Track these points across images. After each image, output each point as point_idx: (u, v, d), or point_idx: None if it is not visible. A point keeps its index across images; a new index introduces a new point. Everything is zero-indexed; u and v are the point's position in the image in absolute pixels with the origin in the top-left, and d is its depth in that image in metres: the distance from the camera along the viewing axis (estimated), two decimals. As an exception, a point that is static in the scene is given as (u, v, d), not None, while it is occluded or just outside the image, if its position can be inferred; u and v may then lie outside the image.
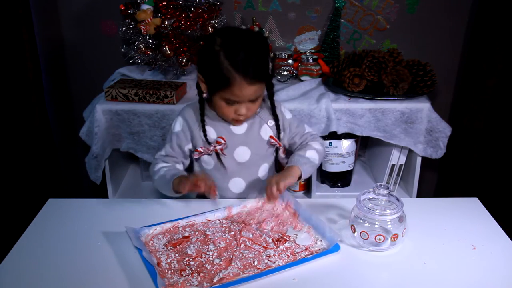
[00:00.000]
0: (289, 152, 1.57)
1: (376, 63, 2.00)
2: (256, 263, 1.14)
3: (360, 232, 1.20)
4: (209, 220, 1.32)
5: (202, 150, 1.48)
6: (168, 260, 1.16)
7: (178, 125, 1.50)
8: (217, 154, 1.49)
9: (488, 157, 2.35)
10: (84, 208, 1.40)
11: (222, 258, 1.16)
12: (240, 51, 1.31)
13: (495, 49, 2.14)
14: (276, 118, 1.51)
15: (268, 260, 1.15)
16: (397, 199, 1.22)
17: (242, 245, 1.20)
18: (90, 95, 2.14)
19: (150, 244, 1.22)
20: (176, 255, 1.18)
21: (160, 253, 1.19)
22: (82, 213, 1.37)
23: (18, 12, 2.13)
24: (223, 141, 1.46)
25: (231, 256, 1.16)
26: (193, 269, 1.12)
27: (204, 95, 1.46)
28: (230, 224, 1.29)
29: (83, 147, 2.12)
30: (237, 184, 1.53)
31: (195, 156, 1.51)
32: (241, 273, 1.11)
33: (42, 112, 2.29)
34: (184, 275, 1.10)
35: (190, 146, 1.52)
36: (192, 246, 1.20)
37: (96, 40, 2.35)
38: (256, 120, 1.51)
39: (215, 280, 1.08)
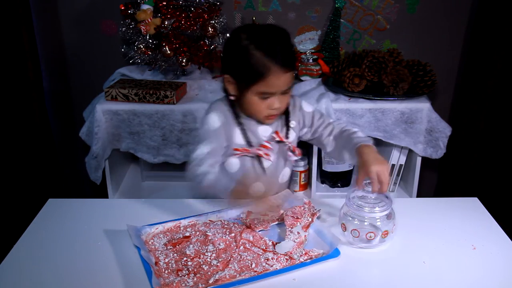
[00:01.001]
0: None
1: (376, 63, 2.00)
2: (253, 265, 1.14)
3: (351, 230, 1.21)
4: (211, 221, 1.32)
5: (242, 151, 1.40)
6: (166, 260, 1.16)
7: (217, 120, 1.38)
8: (259, 158, 1.43)
9: (488, 157, 2.35)
10: (84, 208, 1.40)
11: (220, 260, 1.15)
12: (270, 40, 1.29)
13: (495, 49, 2.14)
14: (286, 116, 1.44)
15: (266, 263, 1.15)
16: (386, 197, 1.22)
17: (242, 247, 1.20)
18: (90, 95, 2.14)
19: (150, 243, 1.22)
20: (175, 255, 1.18)
21: (159, 252, 1.19)
22: (82, 213, 1.37)
23: (18, 12, 2.13)
24: (269, 146, 1.40)
25: (229, 258, 1.16)
26: (190, 269, 1.12)
27: (232, 97, 1.39)
28: (231, 225, 1.29)
29: (83, 147, 2.11)
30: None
31: (235, 157, 1.42)
32: (238, 275, 1.10)
33: (42, 112, 2.29)
34: (180, 275, 1.10)
35: (225, 143, 1.40)
36: (191, 246, 1.20)
37: (96, 40, 2.34)
38: (280, 123, 1.45)
39: (210, 282, 1.08)
